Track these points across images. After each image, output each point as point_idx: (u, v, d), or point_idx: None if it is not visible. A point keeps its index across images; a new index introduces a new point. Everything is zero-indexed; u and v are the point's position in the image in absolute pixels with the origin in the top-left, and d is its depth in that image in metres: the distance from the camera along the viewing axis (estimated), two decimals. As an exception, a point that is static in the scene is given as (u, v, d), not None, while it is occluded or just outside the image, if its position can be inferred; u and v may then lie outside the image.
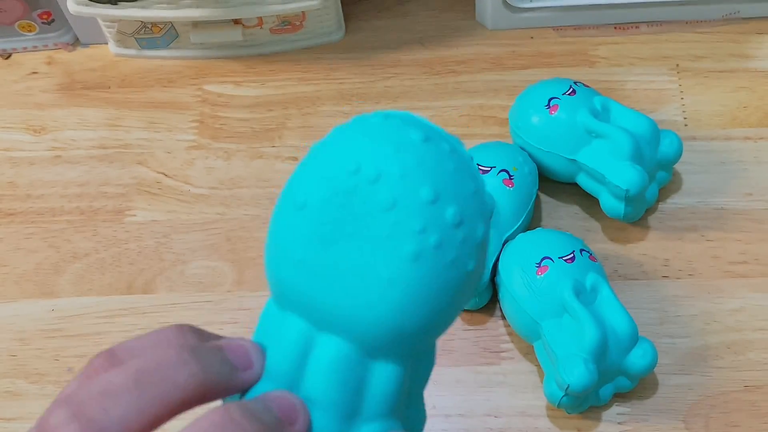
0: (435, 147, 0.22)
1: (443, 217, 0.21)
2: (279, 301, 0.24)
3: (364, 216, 0.21)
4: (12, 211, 0.59)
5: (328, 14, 0.64)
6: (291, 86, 0.63)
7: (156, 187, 0.59)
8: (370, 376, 0.22)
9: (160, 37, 0.64)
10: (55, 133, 0.62)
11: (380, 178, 0.21)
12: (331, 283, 0.21)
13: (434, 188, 0.21)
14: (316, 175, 0.22)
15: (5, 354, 0.53)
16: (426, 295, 0.21)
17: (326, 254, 0.21)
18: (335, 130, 0.23)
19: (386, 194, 0.21)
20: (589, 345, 0.45)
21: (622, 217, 0.52)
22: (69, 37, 0.66)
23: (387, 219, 0.21)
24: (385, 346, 0.22)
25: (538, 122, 0.54)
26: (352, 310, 0.21)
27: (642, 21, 0.64)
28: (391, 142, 0.21)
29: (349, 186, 0.21)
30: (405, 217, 0.21)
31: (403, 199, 0.21)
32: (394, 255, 0.21)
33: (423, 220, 0.21)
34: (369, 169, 0.21)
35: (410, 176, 0.21)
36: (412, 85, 0.63)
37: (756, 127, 0.59)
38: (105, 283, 0.55)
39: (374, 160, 0.21)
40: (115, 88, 0.64)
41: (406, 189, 0.21)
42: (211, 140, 0.61)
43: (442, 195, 0.21)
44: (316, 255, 0.22)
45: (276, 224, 0.23)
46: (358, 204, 0.21)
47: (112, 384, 0.21)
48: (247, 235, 0.56)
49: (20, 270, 0.56)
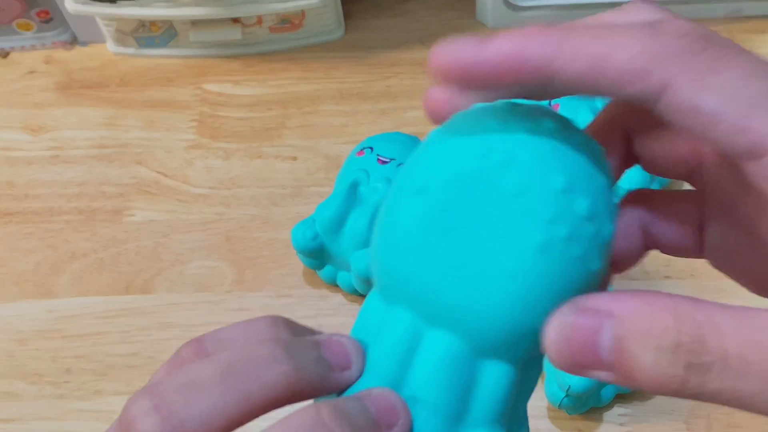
0: (569, 136, 0.20)
1: (575, 208, 0.19)
2: (385, 293, 0.21)
3: (490, 202, 0.19)
4: (10, 211, 0.59)
5: (328, 13, 0.63)
6: (290, 85, 0.63)
7: (155, 187, 0.59)
8: (481, 377, 0.20)
9: (159, 35, 0.64)
10: (54, 132, 0.62)
11: (511, 162, 0.19)
12: (448, 273, 0.19)
13: (568, 177, 0.19)
14: (439, 159, 0.20)
15: (3, 355, 0.53)
16: (550, 290, 0.19)
17: (445, 242, 0.20)
18: (458, 116, 0.20)
19: (517, 179, 0.19)
20: None
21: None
22: (67, 36, 0.66)
23: (515, 206, 0.19)
24: (500, 344, 0.20)
25: (538, 121, 0.54)
26: (469, 302, 0.19)
27: (643, 20, 0.64)
28: (524, 128, 0.20)
29: (475, 170, 0.19)
30: (535, 205, 0.19)
31: (535, 186, 0.19)
32: (520, 244, 0.19)
33: (554, 209, 0.19)
34: (499, 153, 0.19)
35: (544, 162, 0.19)
36: (412, 84, 0.62)
37: (758, 127, 0.58)
38: (103, 284, 0.55)
39: (505, 144, 0.20)
40: (114, 87, 0.64)
41: (538, 175, 0.19)
42: (211, 140, 0.61)
43: (576, 185, 0.19)
44: (434, 242, 0.20)
45: (390, 209, 0.21)
46: (484, 189, 0.19)
47: (198, 377, 0.20)
48: (247, 235, 0.56)
49: (18, 270, 0.56)
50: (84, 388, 0.51)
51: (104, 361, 0.52)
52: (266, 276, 0.54)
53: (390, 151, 0.53)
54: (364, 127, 0.60)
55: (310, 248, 0.51)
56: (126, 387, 0.51)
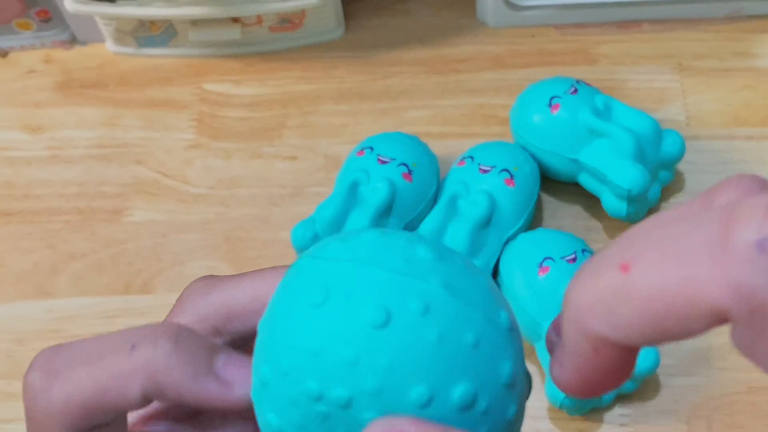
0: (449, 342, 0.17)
1: None
2: None
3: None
4: (9, 211, 0.58)
5: (328, 12, 0.63)
6: (290, 85, 0.63)
7: (154, 187, 0.59)
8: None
9: (159, 35, 0.64)
10: (53, 132, 0.62)
11: (353, 402, 0.17)
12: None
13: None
14: (279, 391, 0.18)
15: (2, 355, 0.52)
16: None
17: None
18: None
19: (369, 417, 0.17)
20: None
21: (625, 216, 0.52)
22: (66, 36, 0.66)
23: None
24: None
25: (539, 121, 0.53)
26: None
27: (644, 19, 0.64)
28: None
29: (319, 413, 0.17)
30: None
31: None
32: None
33: None
34: (335, 391, 0.17)
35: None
36: (412, 83, 0.62)
37: (759, 127, 0.58)
38: (103, 284, 0.55)
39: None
40: (113, 87, 0.64)
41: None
42: (210, 139, 0.61)
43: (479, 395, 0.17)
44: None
45: None
46: (338, 427, 0.17)
47: None
48: (246, 235, 0.56)
49: (17, 270, 0.56)
50: (83, 389, 0.51)
51: (103, 362, 0.52)
52: (266, 276, 0.54)
53: (390, 151, 0.53)
54: (364, 127, 0.60)
55: None
56: (125, 387, 0.51)
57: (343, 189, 0.51)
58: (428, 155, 0.54)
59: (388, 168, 0.52)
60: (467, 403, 0.17)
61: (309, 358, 0.17)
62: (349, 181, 0.51)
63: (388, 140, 0.54)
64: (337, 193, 0.51)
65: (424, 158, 0.53)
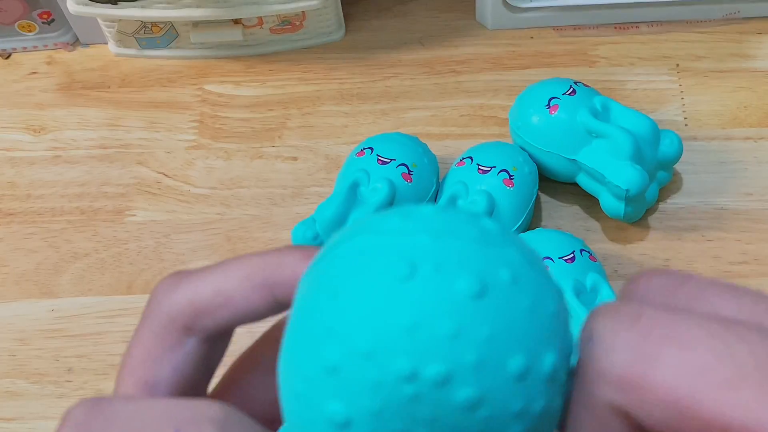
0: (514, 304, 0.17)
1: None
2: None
3: (436, 422, 0.16)
4: (12, 211, 0.59)
5: (328, 14, 0.63)
6: (291, 86, 0.63)
7: (156, 187, 0.59)
8: None
9: (160, 36, 0.64)
10: (55, 133, 0.62)
11: (451, 378, 0.16)
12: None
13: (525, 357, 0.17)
14: (354, 375, 0.17)
15: (5, 354, 0.53)
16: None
17: None
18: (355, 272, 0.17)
19: (465, 394, 0.16)
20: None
21: (623, 217, 0.52)
22: (69, 37, 0.66)
23: (473, 420, 0.16)
24: None
25: (538, 122, 0.54)
26: None
27: (642, 21, 0.64)
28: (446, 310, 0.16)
29: (406, 395, 0.16)
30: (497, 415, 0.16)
31: (491, 394, 0.16)
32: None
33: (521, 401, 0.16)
34: (432, 368, 0.16)
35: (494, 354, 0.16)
36: (412, 84, 0.63)
37: (756, 127, 0.59)
38: (105, 283, 0.55)
39: (436, 352, 0.16)
40: (115, 88, 0.64)
41: (492, 381, 0.16)
42: (211, 140, 0.61)
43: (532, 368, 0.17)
44: None
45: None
46: (425, 410, 0.16)
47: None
48: (247, 235, 0.56)
49: (20, 270, 0.56)
50: (85, 388, 0.51)
51: (106, 361, 0.52)
52: (267, 276, 0.55)
53: (390, 152, 0.53)
54: (364, 127, 0.61)
55: None
56: (127, 386, 0.51)
57: (343, 189, 0.51)
58: (428, 156, 0.55)
59: (388, 168, 0.52)
60: (554, 372, 0.17)
61: (400, 335, 0.16)
62: (350, 181, 0.51)
63: (388, 141, 0.55)
64: (338, 193, 0.51)
65: (423, 159, 0.54)
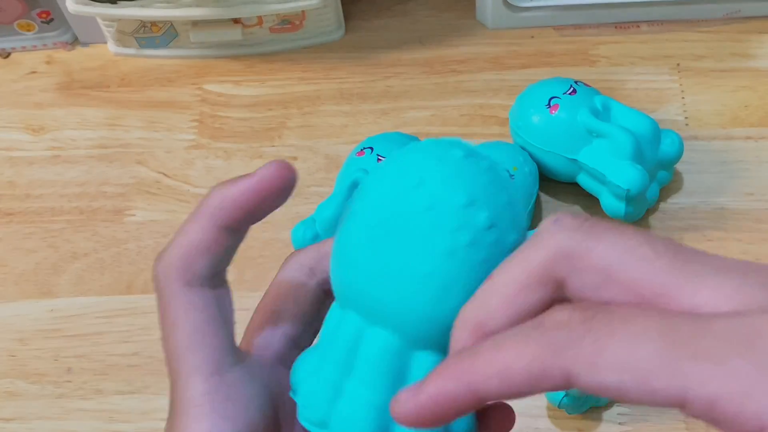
0: (474, 162, 0.25)
1: (476, 219, 0.24)
2: (340, 302, 0.26)
3: (408, 218, 0.24)
4: (11, 211, 0.59)
5: (328, 13, 0.63)
6: (291, 86, 0.63)
7: (155, 187, 0.59)
8: (413, 365, 0.25)
9: (160, 36, 0.64)
10: (55, 132, 0.62)
11: (422, 183, 0.24)
12: (379, 279, 0.24)
13: (469, 194, 0.24)
14: (369, 186, 0.25)
15: (5, 354, 0.53)
16: (459, 288, 0.23)
17: (375, 253, 0.24)
18: (395, 153, 0.26)
19: (427, 197, 0.24)
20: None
21: (623, 216, 0.52)
22: (68, 37, 0.66)
23: (427, 219, 0.24)
24: (426, 335, 0.24)
25: (538, 122, 0.54)
26: (397, 302, 0.24)
27: (643, 20, 0.64)
28: (435, 156, 0.25)
29: (395, 191, 0.24)
30: (441, 218, 0.23)
31: (441, 202, 0.24)
32: (432, 251, 0.23)
33: (457, 221, 0.23)
34: (413, 178, 0.24)
35: (448, 183, 0.24)
36: (412, 84, 0.63)
37: (757, 127, 0.59)
38: (104, 283, 0.55)
39: (419, 170, 0.24)
40: (115, 88, 0.64)
41: (444, 194, 0.24)
42: (211, 140, 0.61)
43: (476, 201, 0.24)
44: (367, 255, 0.24)
45: (337, 234, 0.26)
46: (403, 207, 0.24)
47: None
48: (247, 235, 0.56)
49: (19, 270, 0.56)
50: (85, 388, 0.51)
51: (105, 361, 0.52)
52: (266, 275, 0.54)
53: (390, 151, 0.53)
54: (364, 127, 0.61)
55: None
56: (126, 386, 0.51)
57: (342, 189, 0.51)
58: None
59: None
60: (516, 207, 0.25)
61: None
62: (349, 181, 0.51)
63: (388, 140, 0.54)
64: (337, 192, 0.51)
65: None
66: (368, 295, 0.24)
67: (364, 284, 0.24)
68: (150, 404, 0.50)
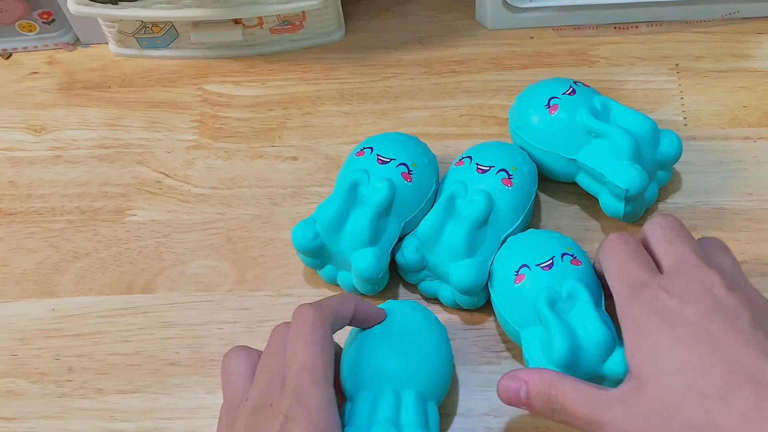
0: None
1: None
2: None
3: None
4: (12, 211, 0.59)
5: (329, 14, 0.64)
6: (291, 86, 0.63)
7: (156, 187, 0.59)
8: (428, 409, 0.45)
9: (161, 36, 0.64)
10: (56, 132, 0.62)
11: None
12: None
13: None
14: None
15: (6, 353, 0.53)
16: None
17: None
18: None
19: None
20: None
21: (622, 216, 0.52)
22: (69, 37, 0.66)
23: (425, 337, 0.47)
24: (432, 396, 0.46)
25: (537, 122, 0.54)
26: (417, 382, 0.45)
27: (641, 21, 0.65)
28: None
29: None
30: None
31: None
32: None
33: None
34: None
35: None
36: (412, 84, 0.63)
37: (756, 127, 0.59)
38: (105, 283, 0.55)
39: None
40: (116, 88, 0.64)
41: None
42: (212, 140, 0.61)
43: None
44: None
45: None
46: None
47: None
48: (248, 235, 0.56)
49: (21, 270, 0.56)
50: (86, 387, 0.51)
51: (106, 360, 0.52)
52: (267, 275, 0.55)
53: (390, 152, 0.53)
54: (364, 127, 0.61)
55: (311, 248, 0.51)
56: (127, 386, 0.51)
57: (343, 189, 0.51)
58: (428, 155, 0.55)
59: (388, 168, 0.52)
60: None
61: None
62: (349, 181, 0.51)
63: (388, 140, 0.55)
64: (338, 193, 0.51)
65: (423, 158, 0.54)
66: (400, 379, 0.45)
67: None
68: (151, 403, 0.50)
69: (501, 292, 0.49)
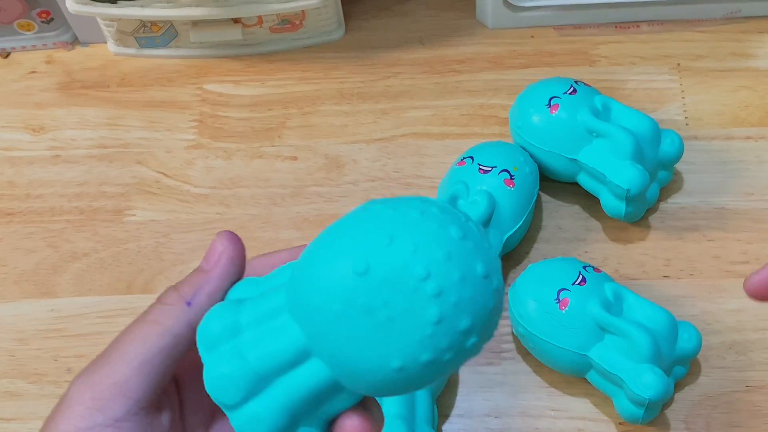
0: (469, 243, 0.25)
1: (466, 343, 0.25)
2: (292, 312, 0.26)
3: (400, 289, 0.24)
4: (11, 211, 0.59)
5: (328, 13, 0.63)
6: (291, 85, 0.63)
7: (155, 187, 0.59)
8: (334, 400, 0.26)
9: (160, 36, 0.64)
10: (55, 132, 0.62)
11: (429, 276, 0.24)
12: (351, 338, 0.25)
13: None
14: (377, 249, 0.25)
15: (4, 354, 0.53)
16: (417, 380, 0.25)
17: (358, 313, 0.24)
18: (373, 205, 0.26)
19: (431, 285, 0.24)
20: (645, 352, 0.45)
21: (623, 216, 0.52)
22: (68, 36, 0.66)
23: (417, 301, 0.24)
24: (364, 390, 0.26)
25: (538, 121, 0.54)
26: (356, 362, 0.25)
27: (643, 20, 0.64)
28: (431, 231, 0.25)
29: (398, 270, 0.24)
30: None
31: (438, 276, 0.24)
32: (410, 349, 0.24)
33: (448, 340, 0.24)
34: (418, 268, 0.24)
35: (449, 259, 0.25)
36: (412, 84, 0.63)
37: (757, 127, 0.59)
38: (104, 283, 0.55)
39: (424, 260, 0.24)
40: (115, 88, 0.64)
41: (439, 272, 0.24)
42: (211, 140, 0.61)
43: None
44: (349, 310, 0.24)
45: (326, 276, 0.25)
46: (400, 287, 0.24)
47: None
48: (247, 235, 0.56)
49: (19, 270, 0.56)
50: (85, 388, 0.51)
51: (105, 361, 0.52)
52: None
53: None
54: (364, 127, 0.61)
55: None
56: (127, 386, 0.51)
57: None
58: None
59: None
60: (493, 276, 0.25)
61: None
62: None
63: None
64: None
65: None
66: (332, 341, 0.25)
67: (333, 332, 0.25)
68: (150, 404, 0.50)
69: (547, 328, 0.47)
